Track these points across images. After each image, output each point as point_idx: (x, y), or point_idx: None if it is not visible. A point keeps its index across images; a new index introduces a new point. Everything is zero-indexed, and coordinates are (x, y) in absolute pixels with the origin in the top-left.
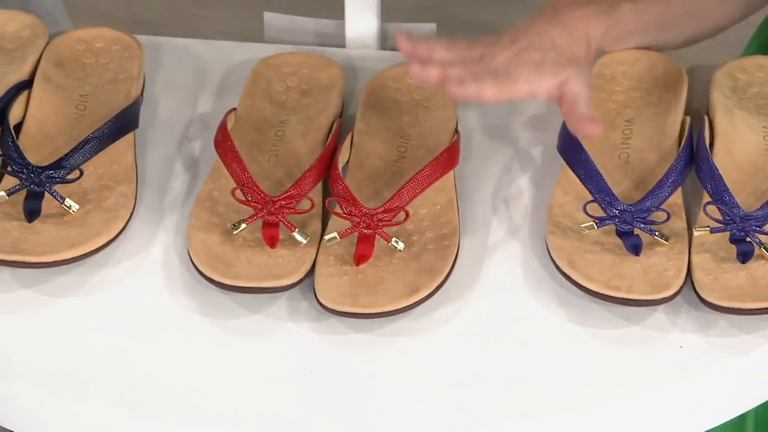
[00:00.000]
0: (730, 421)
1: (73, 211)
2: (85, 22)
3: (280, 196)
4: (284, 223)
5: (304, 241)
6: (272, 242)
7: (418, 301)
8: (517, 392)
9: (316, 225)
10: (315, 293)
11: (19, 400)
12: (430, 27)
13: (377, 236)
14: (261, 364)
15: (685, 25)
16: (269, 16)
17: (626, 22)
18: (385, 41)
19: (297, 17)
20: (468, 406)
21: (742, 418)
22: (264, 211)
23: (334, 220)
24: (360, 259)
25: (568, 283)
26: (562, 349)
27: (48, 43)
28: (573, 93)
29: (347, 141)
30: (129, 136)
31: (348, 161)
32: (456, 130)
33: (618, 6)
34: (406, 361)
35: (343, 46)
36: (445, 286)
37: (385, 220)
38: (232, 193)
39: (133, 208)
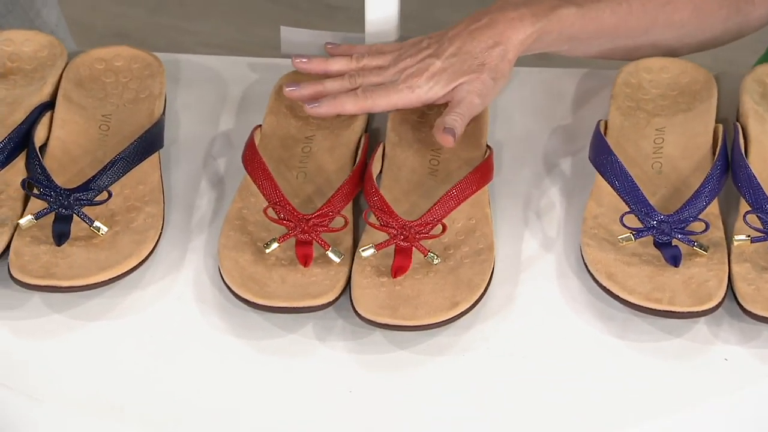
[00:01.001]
0: None
1: (102, 234)
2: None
3: (313, 214)
4: (318, 242)
5: (338, 260)
6: (306, 261)
7: (458, 314)
8: (559, 408)
9: (348, 241)
10: (353, 305)
11: (54, 426)
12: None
13: (413, 249)
14: (300, 385)
15: (651, 35)
16: (286, 30)
17: (569, 26)
18: None
19: (314, 30)
20: (510, 423)
21: None
22: (297, 229)
23: (368, 233)
24: (398, 271)
25: (606, 296)
26: (604, 363)
27: (67, 63)
28: (457, 98)
29: (378, 152)
30: (154, 156)
31: (380, 172)
32: (488, 145)
33: (558, 9)
34: (447, 377)
35: None
36: (482, 300)
37: (422, 233)
38: (264, 211)
39: (161, 229)
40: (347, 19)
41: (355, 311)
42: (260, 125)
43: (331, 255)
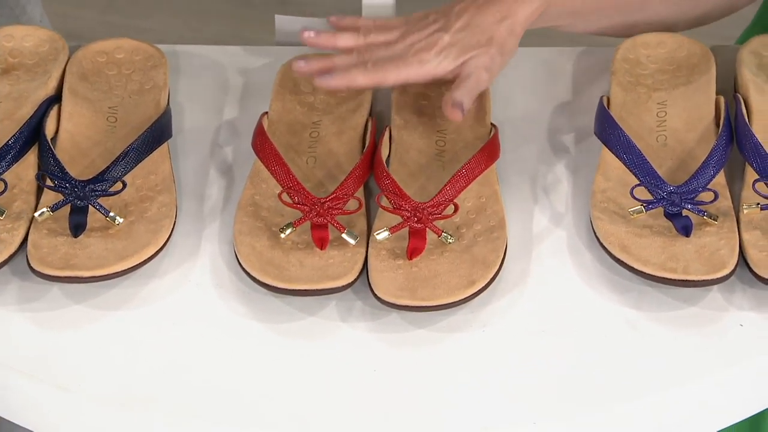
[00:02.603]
0: None
1: (118, 224)
2: None
3: (327, 197)
4: (333, 225)
5: (353, 242)
6: (322, 244)
7: (476, 292)
8: (579, 380)
9: (362, 223)
10: (371, 288)
11: (83, 415)
12: None
13: (427, 230)
14: (325, 366)
15: (647, 10)
16: (281, 19)
17: (572, 1)
18: None
19: (309, 18)
20: (531, 397)
21: None
22: (312, 213)
23: (381, 216)
24: (413, 252)
25: (619, 269)
26: (622, 334)
27: (69, 57)
28: (465, 73)
29: (385, 136)
30: (163, 146)
31: (388, 156)
32: (492, 124)
33: None
34: (467, 354)
35: None
36: (497, 277)
37: (435, 214)
38: (279, 196)
39: (175, 218)
40: (300, 13)
41: (375, 295)
42: (266, 112)
43: (346, 237)
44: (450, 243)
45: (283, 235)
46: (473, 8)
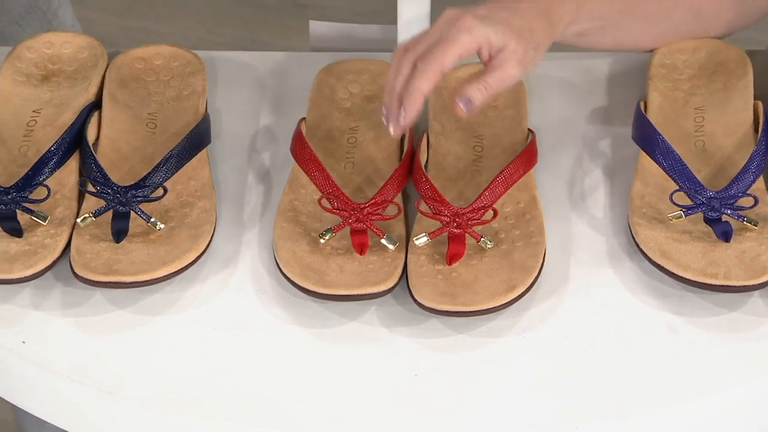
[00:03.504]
0: None
1: (159, 229)
2: None
3: (367, 203)
4: (373, 230)
5: (393, 247)
6: (362, 249)
7: (516, 297)
8: (621, 386)
9: (401, 229)
10: (411, 294)
11: (131, 419)
12: None
13: (466, 235)
14: (366, 371)
15: (680, 16)
16: (315, 25)
17: (599, 3)
18: None
19: (343, 24)
20: (574, 402)
21: None
22: (352, 218)
23: (419, 221)
24: (453, 258)
25: (659, 274)
26: (663, 340)
27: (108, 64)
28: (496, 62)
29: (423, 142)
30: (202, 152)
31: (426, 161)
32: (530, 129)
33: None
34: (508, 359)
35: (391, 50)
36: (537, 282)
37: (474, 219)
38: (319, 201)
39: (215, 223)
40: (318, 16)
41: (415, 300)
42: (304, 118)
43: (385, 243)
44: (489, 248)
45: (322, 241)
46: (509, 2)
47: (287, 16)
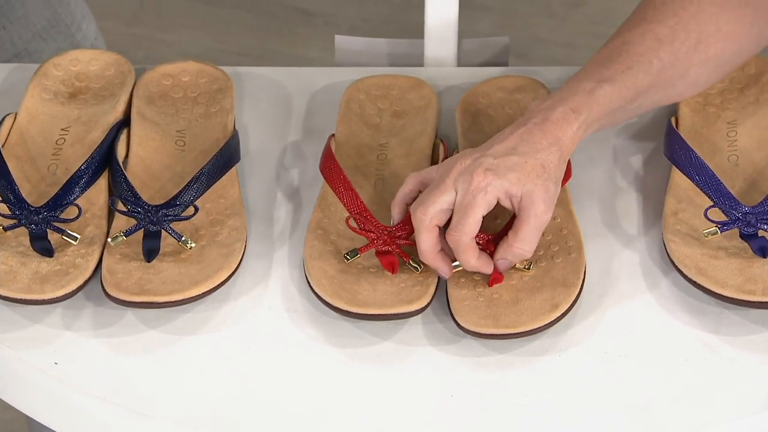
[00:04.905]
0: None
1: (190, 248)
2: None
3: (394, 226)
4: (398, 254)
5: (417, 271)
6: (392, 268)
7: (559, 316)
8: (660, 405)
9: None
10: (454, 317)
11: None
12: (503, 40)
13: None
14: (400, 391)
15: (690, 76)
16: (341, 39)
17: (608, 103)
18: (461, 58)
19: (369, 39)
20: (611, 422)
21: None
22: (379, 241)
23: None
24: (494, 282)
25: (695, 291)
26: (702, 359)
27: (136, 81)
28: (523, 211)
29: None
30: (232, 170)
31: None
32: None
33: (594, 94)
34: (545, 379)
35: (417, 65)
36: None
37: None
38: (347, 222)
39: (246, 241)
40: (324, 24)
41: (457, 324)
42: (333, 134)
43: (411, 266)
44: (530, 269)
45: (349, 260)
46: (515, 137)
47: (294, 25)
